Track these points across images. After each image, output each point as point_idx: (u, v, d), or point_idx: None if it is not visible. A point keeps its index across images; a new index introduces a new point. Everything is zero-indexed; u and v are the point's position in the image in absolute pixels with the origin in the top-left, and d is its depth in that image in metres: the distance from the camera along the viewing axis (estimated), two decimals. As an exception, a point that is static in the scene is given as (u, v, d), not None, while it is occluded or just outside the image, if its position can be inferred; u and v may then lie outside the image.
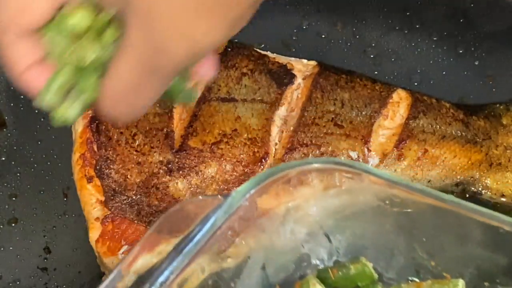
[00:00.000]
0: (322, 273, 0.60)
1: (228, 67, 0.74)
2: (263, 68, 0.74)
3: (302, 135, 0.71)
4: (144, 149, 0.70)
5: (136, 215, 0.68)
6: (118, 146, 0.70)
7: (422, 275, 0.60)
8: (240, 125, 0.71)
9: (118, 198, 0.69)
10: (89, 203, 0.69)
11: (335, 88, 0.74)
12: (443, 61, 0.84)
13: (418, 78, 0.83)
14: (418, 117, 0.74)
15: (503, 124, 0.76)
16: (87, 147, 0.70)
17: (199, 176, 0.70)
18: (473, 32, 0.85)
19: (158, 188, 0.69)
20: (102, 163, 0.70)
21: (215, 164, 0.70)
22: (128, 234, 0.68)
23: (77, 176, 0.70)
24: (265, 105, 0.72)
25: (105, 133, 0.71)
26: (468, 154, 0.74)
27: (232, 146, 0.70)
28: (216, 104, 0.72)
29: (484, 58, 0.83)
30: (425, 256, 0.59)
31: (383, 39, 0.85)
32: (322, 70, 0.75)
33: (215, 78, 0.73)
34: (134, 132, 0.71)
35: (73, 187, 0.72)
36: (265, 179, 0.54)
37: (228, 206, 0.53)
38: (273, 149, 0.71)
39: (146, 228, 0.68)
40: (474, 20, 0.85)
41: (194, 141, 0.70)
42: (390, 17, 0.86)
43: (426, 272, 0.60)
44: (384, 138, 0.73)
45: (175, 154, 0.70)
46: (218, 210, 0.53)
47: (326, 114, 0.72)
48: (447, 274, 0.58)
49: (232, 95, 0.73)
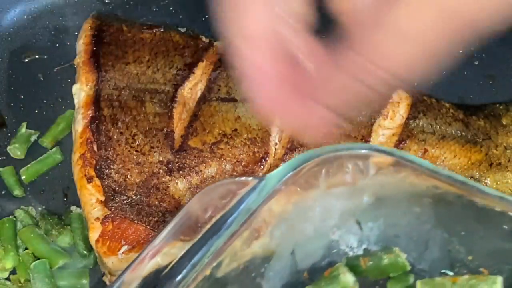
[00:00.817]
0: (352, 261, 0.59)
1: (228, 67, 0.74)
2: (263, 68, 0.74)
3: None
4: (144, 149, 0.70)
5: (136, 215, 0.68)
6: (118, 146, 0.70)
7: (457, 269, 0.58)
8: (240, 125, 0.71)
9: (118, 198, 0.69)
10: (89, 203, 0.69)
11: (335, 88, 0.74)
12: (443, 61, 0.83)
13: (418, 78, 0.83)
14: (418, 117, 0.74)
15: (503, 124, 0.76)
16: (87, 147, 0.70)
17: (199, 176, 0.70)
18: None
19: (158, 188, 0.69)
20: (102, 163, 0.70)
21: (215, 164, 0.70)
22: (128, 234, 0.68)
23: (77, 176, 0.70)
24: (265, 105, 0.72)
25: (105, 133, 0.71)
26: (468, 154, 0.74)
27: (232, 146, 0.70)
28: (216, 104, 0.72)
29: (484, 58, 0.83)
30: (463, 250, 0.57)
31: (383, 39, 0.85)
32: (322, 70, 0.75)
33: (215, 78, 0.73)
34: (134, 132, 0.71)
35: (73, 187, 0.72)
36: (300, 164, 0.52)
37: (262, 190, 0.50)
38: (273, 149, 0.71)
39: (146, 228, 0.68)
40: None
41: (194, 141, 0.70)
42: (390, 17, 0.86)
43: (462, 266, 0.58)
44: (384, 138, 0.72)
45: (175, 154, 0.70)
46: (252, 193, 0.50)
47: (326, 114, 0.72)
48: (484, 269, 0.56)
49: (232, 95, 0.73)
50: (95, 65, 0.74)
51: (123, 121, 0.71)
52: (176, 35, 0.77)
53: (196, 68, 0.74)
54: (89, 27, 0.77)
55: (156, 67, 0.74)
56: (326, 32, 0.52)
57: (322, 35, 0.88)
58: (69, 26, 0.85)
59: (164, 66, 0.74)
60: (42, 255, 0.72)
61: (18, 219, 0.75)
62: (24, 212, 0.75)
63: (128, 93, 0.73)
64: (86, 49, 0.75)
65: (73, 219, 0.74)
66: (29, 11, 0.85)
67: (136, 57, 0.75)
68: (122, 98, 0.73)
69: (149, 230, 0.68)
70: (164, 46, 0.76)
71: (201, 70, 0.74)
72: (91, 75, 0.74)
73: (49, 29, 0.85)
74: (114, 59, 0.75)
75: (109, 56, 0.75)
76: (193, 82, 0.74)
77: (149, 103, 0.72)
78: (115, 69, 0.74)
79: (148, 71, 0.74)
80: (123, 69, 0.74)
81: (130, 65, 0.74)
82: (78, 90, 0.74)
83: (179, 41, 0.76)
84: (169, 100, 0.72)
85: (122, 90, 0.73)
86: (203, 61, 0.75)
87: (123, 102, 0.72)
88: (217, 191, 0.51)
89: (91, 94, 0.73)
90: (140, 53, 0.75)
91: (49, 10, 0.86)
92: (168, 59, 0.75)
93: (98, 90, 0.73)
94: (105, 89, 0.73)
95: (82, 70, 0.74)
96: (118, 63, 0.74)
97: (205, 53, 0.75)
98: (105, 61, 0.74)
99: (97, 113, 0.72)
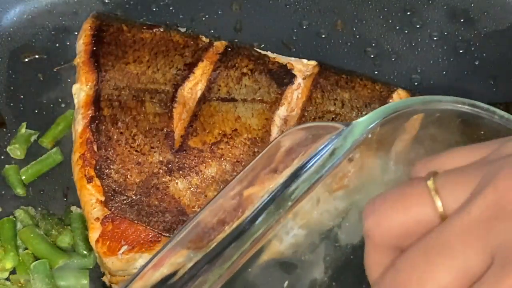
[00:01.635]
0: None
1: (228, 67, 0.74)
2: (263, 68, 0.74)
3: (302, 135, 0.71)
4: (144, 149, 0.70)
5: (136, 215, 0.68)
6: (118, 146, 0.70)
7: None
8: (240, 125, 0.71)
9: (118, 198, 0.69)
10: (89, 203, 0.69)
11: (335, 88, 0.74)
12: (443, 61, 0.84)
13: (418, 78, 0.83)
14: (418, 117, 0.73)
15: (503, 124, 0.76)
16: (87, 147, 0.70)
17: (199, 176, 0.70)
18: (473, 32, 0.85)
19: (158, 188, 0.69)
20: (102, 163, 0.70)
21: (215, 164, 0.70)
22: (128, 234, 0.68)
23: (77, 176, 0.70)
24: (265, 105, 0.72)
25: (105, 133, 0.71)
26: (468, 154, 0.73)
27: (232, 146, 0.70)
28: (216, 104, 0.72)
29: (484, 58, 0.83)
30: None
31: (383, 39, 0.85)
32: (322, 70, 0.75)
33: (215, 78, 0.73)
34: (134, 132, 0.71)
35: (73, 187, 0.72)
36: (391, 112, 0.48)
37: (347, 136, 0.47)
38: (273, 149, 0.71)
39: (146, 228, 0.68)
40: (474, 20, 0.85)
41: (194, 141, 0.70)
42: (390, 17, 0.86)
43: None
44: (384, 138, 0.72)
45: (175, 154, 0.70)
46: (338, 138, 0.47)
47: (326, 114, 0.72)
48: None
49: (232, 95, 0.73)
50: (95, 65, 0.74)
51: (123, 121, 0.71)
52: (176, 35, 0.77)
53: (196, 68, 0.74)
54: (89, 27, 0.77)
55: (156, 67, 0.74)
56: (327, 32, 0.52)
57: (322, 35, 0.88)
58: (69, 26, 0.85)
59: (164, 66, 0.74)
60: (42, 255, 0.72)
61: (18, 219, 0.75)
62: (24, 212, 0.75)
63: (128, 93, 0.73)
64: (86, 49, 0.75)
65: (73, 219, 0.74)
66: (29, 11, 0.85)
67: (136, 57, 0.75)
68: (122, 98, 0.73)
69: (149, 230, 0.68)
70: (164, 46, 0.76)
71: (201, 70, 0.74)
72: (91, 75, 0.74)
73: (49, 29, 0.85)
74: (114, 59, 0.75)
75: (109, 56, 0.75)
76: (193, 82, 0.74)
77: (149, 103, 0.72)
78: (115, 69, 0.74)
79: (148, 71, 0.74)
80: (123, 69, 0.74)
81: (130, 65, 0.74)
82: (78, 90, 0.74)
83: (179, 41, 0.76)
84: (169, 100, 0.72)
85: (122, 90, 0.73)
86: (203, 61, 0.75)
87: (123, 102, 0.72)
88: (304, 131, 0.48)
89: (91, 94, 0.73)
90: (140, 53, 0.75)
91: (49, 10, 0.86)
92: (168, 59, 0.75)
93: (98, 90, 0.73)
94: (105, 89, 0.73)
95: (82, 70, 0.74)
96: (118, 63, 0.74)
97: (205, 53, 0.75)
98: (105, 61, 0.74)
99: (97, 113, 0.72)
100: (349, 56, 0.84)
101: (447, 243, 0.42)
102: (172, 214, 0.69)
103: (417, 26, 0.85)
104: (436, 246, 0.42)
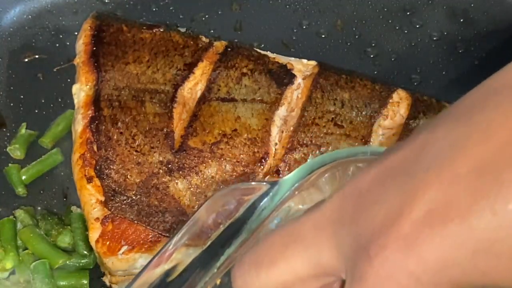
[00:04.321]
0: None
1: (228, 67, 0.74)
2: (263, 68, 0.74)
3: (302, 135, 0.71)
4: (144, 149, 0.70)
5: (136, 215, 0.68)
6: (118, 146, 0.70)
7: None
8: (240, 125, 0.71)
9: (118, 198, 0.69)
10: (89, 203, 0.69)
11: (335, 88, 0.74)
12: (443, 61, 0.84)
13: (418, 78, 0.83)
14: (418, 117, 0.73)
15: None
16: (87, 147, 0.70)
17: (199, 176, 0.70)
18: (473, 32, 0.85)
19: (158, 188, 0.69)
20: (102, 163, 0.70)
21: (215, 164, 0.70)
22: (128, 234, 0.68)
23: (77, 176, 0.70)
24: (265, 105, 0.72)
25: (105, 133, 0.71)
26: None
27: (232, 146, 0.70)
28: (216, 104, 0.72)
29: (484, 58, 0.83)
30: None
31: (383, 39, 0.85)
32: (322, 70, 0.75)
33: (215, 78, 0.74)
34: (134, 132, 0.71)
35: (73, 187, 0.72)
36: (314, 168, 0.47)
37: (275, 195, 0.47)
38: (273, 149, 0.71)
39: (146, 228, 0.68)
40: (474, 20, 0.85)
41: (194, 141, 0.70)
42: (390, 17, 0.86)
43: None
44: (384, 138, 0.72)
45: (175, 154, 0.70)
46: (265, 199, 0.47)
47: (326, 114, 0.72)
48: None
49: (232, 95, 0.73)
50: (95, 65, 0.74)
51: (123, 121, 0.71)
52: (176, 35, 0.77)
53: (196, 68, 0.74)
54: (89, 27, 0.77)
55: (156, 67, 0.74)
56: (327, 32, 0.52)
57: (322, 35, 0.88)
58: (69, 26, 0.85)
59: (164, 66, 0.74)
60: (42, 255, 0.72)
61: (18, 219, 0.75)
62: (24, 212, 0.75)
63: (128, 93, 0.73)
64: (86, 49, 0.75)
65: (73, 219, 0.74)
66: (29, 11, 0.85)
67: (136, 57, 0.75)
68: (122, 98, 0.73)
69: (149, 230, 0.68)
70: (164, 46, 0.76)
71: (201, 70, 0.74)
72: (91, 75, 0.74)
73: (49, 29, 0.85)
74: (114, 59, 0.75)
75: (109, 56, 0.75)
76: (193, 82, 0.74)
77: (149, 103, 0.72)
78: (115, 69, 0.74)
79: (148, 71, 0.74)
80: (123, 69, 0.74)
81: (130, 65, 0.74)
82: (78, 90, 0.74)
83: (179, 41, 0.76)
84: (169, 100, 0.72)
85: (122, 90, 0.73)
86: (203, 61, 0.75)
87: (123, 102, 0.72)
88: (228, 196, 0.49)
89: (91, 94, 0.73)
90: (140, 53, 0.75)
91: (49, 10, 0.86)
92: (168, 59, 0.75)
93: (98, 90, 0.73)
94: (105, 89, 0.73)
95: (82, 70, 0.74)
96: (118, 63, 0.74)
97: (205, 53, 0.75)
98: (105, 61, 0.74)
99: (97, 113, 0.72)
100: (349, 56, 0.84)
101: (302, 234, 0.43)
102: (172, 214, 0.69)
103: (417, 26, 0.85)
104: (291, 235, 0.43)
